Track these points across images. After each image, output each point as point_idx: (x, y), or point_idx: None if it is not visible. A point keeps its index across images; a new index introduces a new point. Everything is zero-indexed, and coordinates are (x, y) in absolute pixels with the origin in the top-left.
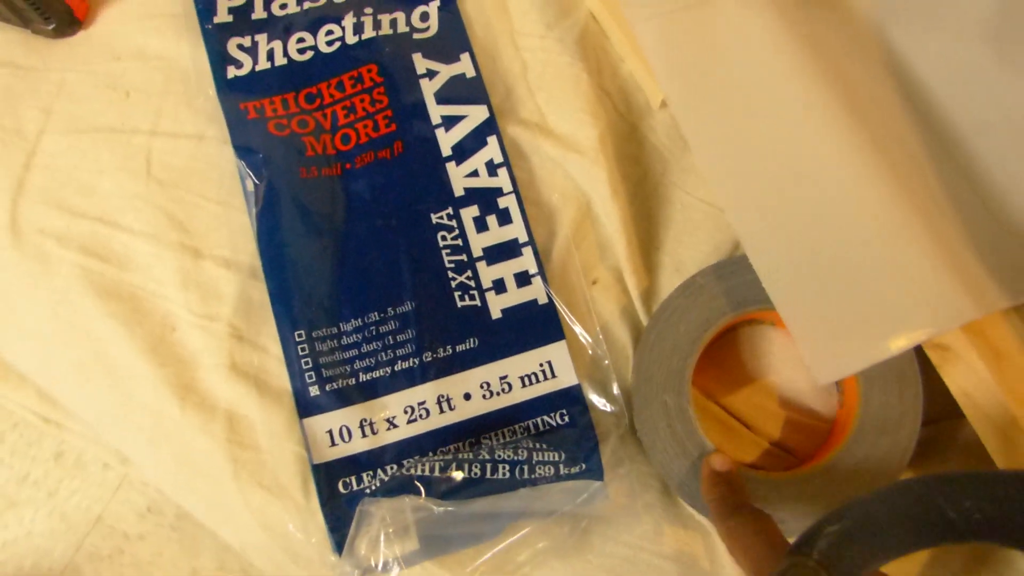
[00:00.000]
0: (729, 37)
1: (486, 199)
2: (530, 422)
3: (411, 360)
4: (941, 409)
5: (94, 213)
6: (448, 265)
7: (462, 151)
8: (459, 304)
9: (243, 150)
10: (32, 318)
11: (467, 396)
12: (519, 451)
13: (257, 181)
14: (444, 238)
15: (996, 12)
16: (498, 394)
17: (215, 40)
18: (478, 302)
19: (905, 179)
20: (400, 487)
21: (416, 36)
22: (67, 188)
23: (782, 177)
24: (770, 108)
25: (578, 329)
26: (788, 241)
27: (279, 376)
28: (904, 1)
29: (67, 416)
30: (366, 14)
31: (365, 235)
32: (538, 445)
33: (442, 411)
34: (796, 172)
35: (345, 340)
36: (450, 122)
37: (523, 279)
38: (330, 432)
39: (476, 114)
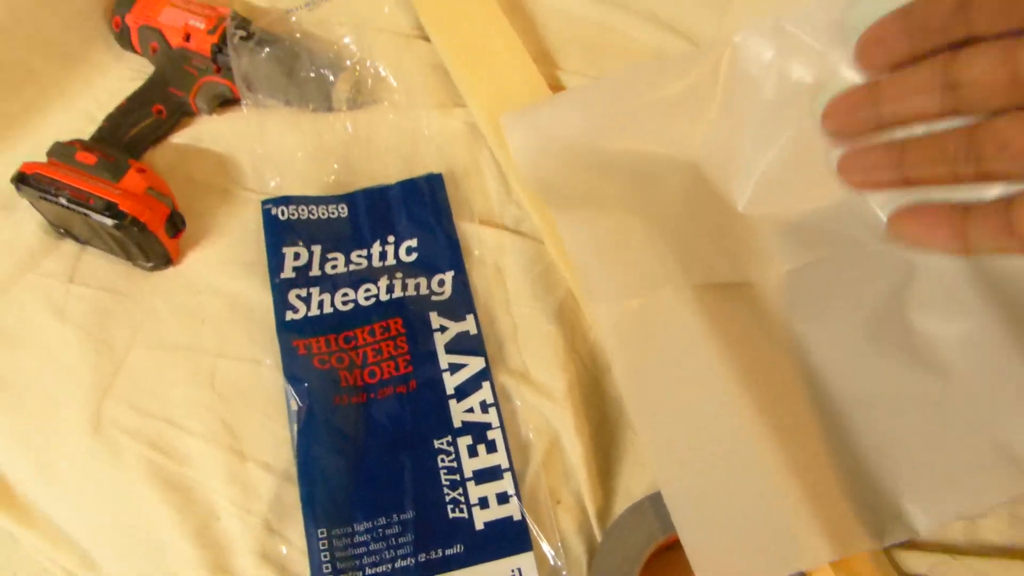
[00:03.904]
0: (667, 326)
1: (478, 431)
2: None
3: (408, 559)
4: None
5: (164, 416)
6: (444, 483)
7: (462, 392)
8: (450, 515)
9: (292, 378)
10: (98, 498)
11: None
12: None
13: (301, 404)
14: (443, 460)
15: (874, 311)
16: None
17: (280, 290)
18: (466, 515)
19: (793, 442)
20: None
21: (434, 298)
22: (144, 394)
23: (696, 437)
24: (692, 381)
25: (544, 543)
26: (692, 485)
27: (301, 566)
28: (805, 299)
29: None
30: (396, 278)
31: (380, 453)
32: None
33: None
34: (708, 433)
35: (357, 539)
36: (455, 368)
37: (503, 498)
38: None
39: (475, 364)
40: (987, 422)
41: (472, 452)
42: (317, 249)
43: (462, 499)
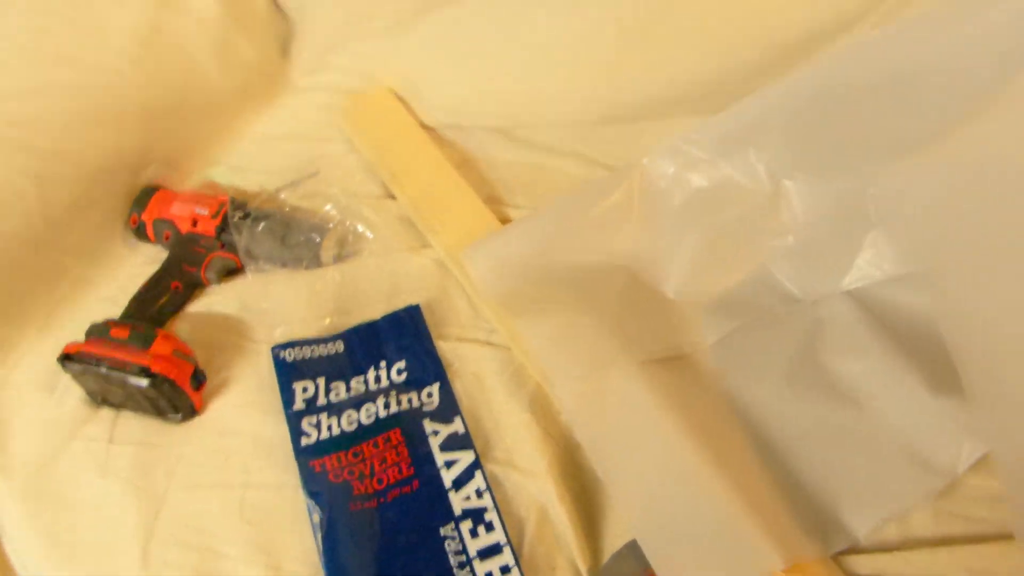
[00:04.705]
0: (620, 398)
1: (477, 515)
2: None
3: None
4: None
5: (204, 546)
6: (453, 564)
7: (459, 483)
8: None
9: (312, 494)
10: None
11: None
12: None
13: (322, 514)
14: (449, 545)
15: (791, 361)
16: None
17: (294, 420)
18: None
19: (740, 477)
20: None
21: (425, 408)
22: (185, 529)
23: (658, 484)
24: (648, 440)
25: None
26: (660, 523)
27: None
28: (733, 361)
29: None
30: (391, 396)
31: (395, 547)
32: None
33: None
34: (667, 480)
35: None
36: (450, 464)
37: (506, 570)
38: None
39: (467, 458)
40: (897, 436)
41: (474, 534)
42: (321, 381)
43: None
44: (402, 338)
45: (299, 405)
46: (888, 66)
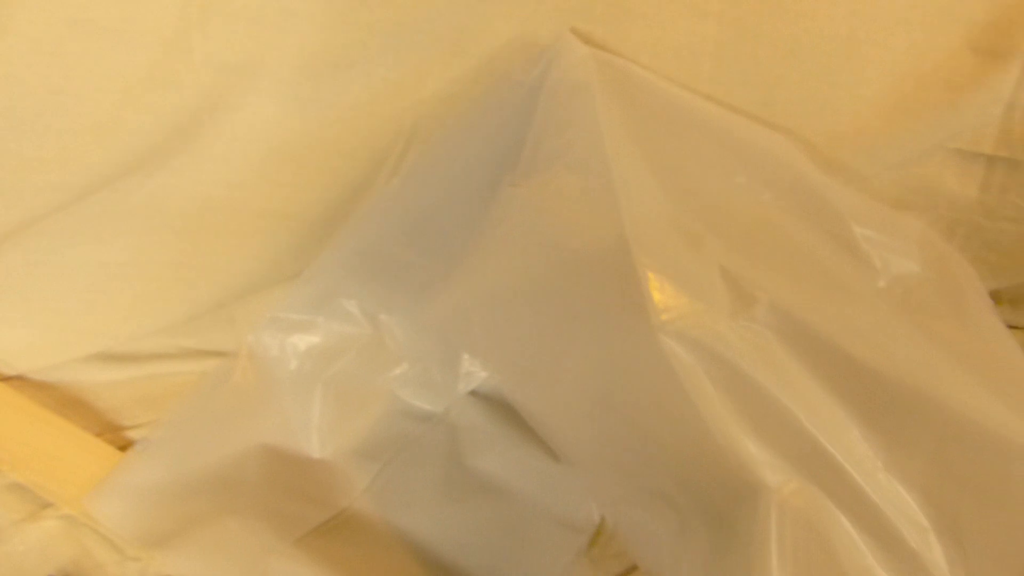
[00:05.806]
0: None
1: None
2: None
3: None
4: None
5: None
6: None
7: None
8: None
9: None
10: None
11: None
12: None
13: None
14: None
15: (443, 474)
16: None
17: None
18: None
19: None
20: None
21: None
22: None
23: None
24: None
25: None
26: None
27: None
28: (392, 496)
29: None
30: None
31: None
32: None
33: None
34: None
35: None
36: None
37: None
38: None
39: None
40: (540, 509)
41: None
42: None
43: None
44: None
45: None
46: (405, 209)
